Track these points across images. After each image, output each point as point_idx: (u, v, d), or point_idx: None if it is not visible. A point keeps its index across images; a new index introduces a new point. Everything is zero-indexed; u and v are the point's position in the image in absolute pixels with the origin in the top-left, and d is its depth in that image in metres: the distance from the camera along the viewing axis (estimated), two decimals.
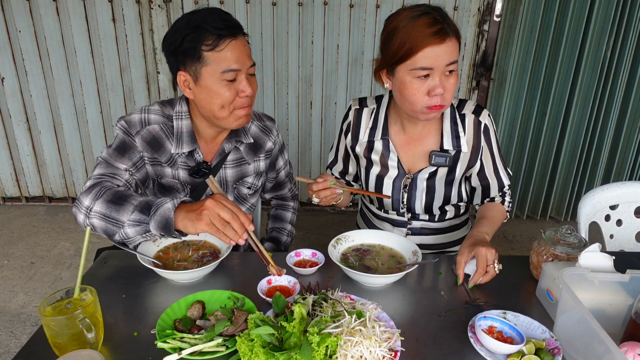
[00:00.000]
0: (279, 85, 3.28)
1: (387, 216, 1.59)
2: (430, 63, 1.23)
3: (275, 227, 1.73)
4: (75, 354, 0.87)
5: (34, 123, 3.37)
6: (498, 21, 3.07)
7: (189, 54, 1.24)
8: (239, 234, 1.07)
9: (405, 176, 1.49)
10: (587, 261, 1.07)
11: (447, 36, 1.22)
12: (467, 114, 1.44)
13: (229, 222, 1.07)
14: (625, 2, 2.92)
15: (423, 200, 1.50)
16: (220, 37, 1.23)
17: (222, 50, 1.23)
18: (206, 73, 1.25)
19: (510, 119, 3.32)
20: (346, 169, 1.64)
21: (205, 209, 1.07)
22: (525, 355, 0.94)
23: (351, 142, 1.55)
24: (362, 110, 1.52)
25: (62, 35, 3.11)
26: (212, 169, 1.43)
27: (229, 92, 1.27)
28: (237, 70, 1.26)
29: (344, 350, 0.90)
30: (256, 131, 1.52)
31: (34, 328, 2.31)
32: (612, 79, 3.11)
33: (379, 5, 3.05)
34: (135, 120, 1.36)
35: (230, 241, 1.08)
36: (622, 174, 3.45)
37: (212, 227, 1.07)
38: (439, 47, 1.22)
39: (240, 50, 1.26)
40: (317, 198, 1.31)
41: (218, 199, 1.09)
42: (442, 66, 1.24)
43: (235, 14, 3.06)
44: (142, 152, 1.37)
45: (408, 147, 1.48)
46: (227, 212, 1.07)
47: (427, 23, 1.22)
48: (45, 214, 3.49)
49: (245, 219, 1.09)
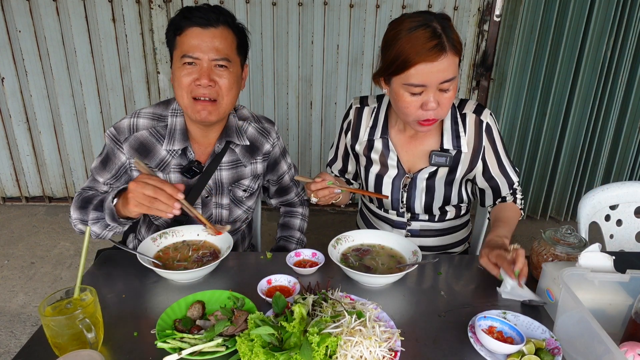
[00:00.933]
0: (279, 85, 3.28)
1: (386, 216, 1.59)
2: (422, 80, 1.21)
3: (283, 235, 1.65)
4: (75, 354, 0.87)
5: (34, 123, 3.37)
6: (498, 21, 3.07)
7: (169, 41, 1.32)
8: (170, 204, 1.12)
9: (405, 175, 1.48)
10: (587, 261, 1.07)
11: (443, 52, 1.18)
12: (468, 114, 1.43)
13: (156, 197, 1.11)
14: (625, 2, 2.92)
15: (423, 199, 1.50)
16: (188, 23, 1.25)
17: (185, 36, 1.26)
18: (175, 57, 1.30)
19: (510, 119, 3.32)
20: (345, 167, 1.64)
21: (130, 192, 1.14)
22: (525, 355, 0.94)
23: (351, 141, 1.55)
24: (363, 109, 1.52)
25: (62, 35, 3.11)
26: (204, 169, 1.42)
27: (185, 78, 1.27)
28: (194, 57, 1.26)
29: (344, 350, 0.90)
30: (253, 133, 1.51)
31: (34, 328, 2.31)
32: (612, 79, 3.11)
33: (379, 5, 3.04)
34: (124, 126, 1.38)
35: (166, 214, 1.13)
36: (622, 174, 3.45)
37: (142, 206, 1.13)
38: (432, 64, 1.18)
39: (204, 39, 1.25)
40: (316, 197, 1.30)
41: (140, 179, 1.13)
42: (436, 83, 1.21)
43: (235, 14, 3.01)
44: (129, 159, 1.39)
45: (408, 147, 1.48)
46: (150, 188, 1.11)
47: (424, 37, 1.18)
48: (45, 214, 3.49)
49: (173, 190, 1.13)
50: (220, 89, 1.29)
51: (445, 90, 1.24)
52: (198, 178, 1.42)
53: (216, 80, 1.28)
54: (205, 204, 1.48)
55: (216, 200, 1.49)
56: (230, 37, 1.30)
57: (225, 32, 1.28)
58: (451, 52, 1.20)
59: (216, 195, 1.48)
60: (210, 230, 1.28)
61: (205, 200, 1.47)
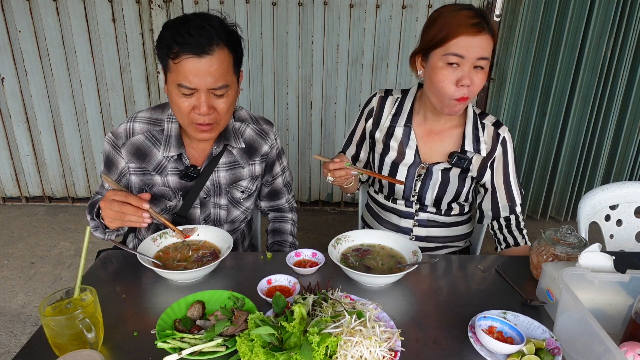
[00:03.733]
0: (279, 85, 3.27)
1: (394, 206, 1.60)
2: (462, 51, 1.28)
3: (275, 241, 1.63)
4: (75, 354, 0.87)
5: (34, 123, 3.37)
6: (498, 21, 3.07)
7: (162, 60, 1.25)
8: (139, 215, 1.15)
9: (420, 165, 1.52)
10: (587, 261, 1.07)
11: (483, 31, 1.28)
12: (487, 125, 1.51)
13: (123, 212, 1.15)
14: (625, 2, 2.92)
15: (435, 191, 1.53)
16: (182, 51, 1.18)
17: (180, 64, 1.19)
18: (169, 79, 1.25)
19: (510, 119, 3.32)
20: (358, 154, 1.67)
21: (102, 211, 1.19)
22: (525, 355, 0.94)
23: (372, 127, 1.58)
24: (387, 98, 1.57)
25: (62, 35, 3.11)
26: (201, 172, 1.42)
27: (184, 105, 1.24)
28: (192, 88, 1.21)
29: (344, 350, 0.90)
30: (251, 134, 1.49)
31: (34, 328, 2.31)
32: (612, 79, 3.11)
33: (379, 5, 3.04)
34: (121, 131, 1.39)
35: (140, 224, 1.17)
36: (622, 174, 3.45)
37: (115, 221, 1.18)
38: (473, 38, 1.27)
39: (200, 69, 1.19)
40: (332, 177, 1.37)
41: (107, 197, 1.18)
42: (473, 58, 1.28)
43: (235, 14, 3.06)
44: (128, 163, 1.40)
45: (427, 139, 1.52)
46: (116, 205, 1.15)
47: (468, 15, 1.28)
48: (45, 214, 3.49)
49: (138, 201, 1.15)
50: (218, 113, 1.28)
51: (481, 67, 1.31)
52: (195, 180, 1.42)
53: (215, 107, 1.26)
54: (203, 205, 1.48)
55: (214, 201, 1.49)
56: (226, 59, 1.23)
57: (221, 55, 1.20)
58: (489, 33, 1.30)
59: (214, 196, 1.48)
60: (180, 235, 1.33)
61: (204, 201, 1.48)
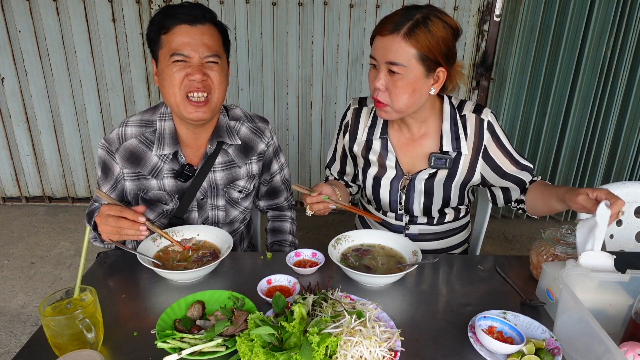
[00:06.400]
0: (279, 85, 3.27)
1: (385, 219, 1.57)
2: (374, 52, 1.28)
3: (275, 240, 1.63)
4: (75, 354, 0.87)
5: (34, 123, 3.37)
6: (498, 21, 3.07)
7: (153, 41, 1.30)
8: (135, 229, 1.15)
9: (404, 177, 1.47)
10: (587, 261, 1.07)
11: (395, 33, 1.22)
12: (468, 114, 1.40)
13: (120, 227, 1.15)
14: (625, 2, 2.92)
15: (421, 202, 1.48)
16: (175, 21, 1.25)
17: (174, 34, 1.26)
18: (161, 56, 1.29)
19: (510, 119, 3.32)
20: (344, 169, 1.63)
21: (98, 226, 1.19)
22: (525, 355, 0.94)
23: (349, 142, 1.54)
24: (362, 110, 1.51)
25: (62, 35, 3.11)
26: (197, 172, 1.41)
27: (178, 73, 1.27)
28: (185, 55, 1.26)
29: (344, 350, 0.90)
30: (246, 133, 1.48)
31: (34, 328, 2.31)
32: (612, 79, 3.11)
33: (379, 5, 3.05)
34: (114, 137, 1.39)
35: (138, 238, 1.17)
36: (622, 174, 3.45)
37: (113, 236, 1.18)
38: (381, 38, 1.25)
39: (193, 36, 1.26)
40: (311, 210, 1.32)
41: (102, 212, 1.17)
42: (383, 60, 1.26)
43: (235, 14, 3.06)
44: (122, 169, 1.39)
45: (407, 148, 1.46)
46: (112, 220, 1.15)
47: (392, 15, 1.25)
48: (45, 214, 3.49)
49: (134, 215, 1.15)
50: (212, 82, 1.30)
51: (394, 73, 1.25)
52: (191, 181, 1.41)
53: (208, 74, 1.29)
54: (201, 207, 1.47)
55: (212, 202, 1.48)
56: (216, 34, 1.32)
57: (212, 29, 1.30)
58: (404, 37, 1.22)
59: (211, 197, 1.47)
60: (179, 247, 1.31)
61: (201, 203, 1.46)
